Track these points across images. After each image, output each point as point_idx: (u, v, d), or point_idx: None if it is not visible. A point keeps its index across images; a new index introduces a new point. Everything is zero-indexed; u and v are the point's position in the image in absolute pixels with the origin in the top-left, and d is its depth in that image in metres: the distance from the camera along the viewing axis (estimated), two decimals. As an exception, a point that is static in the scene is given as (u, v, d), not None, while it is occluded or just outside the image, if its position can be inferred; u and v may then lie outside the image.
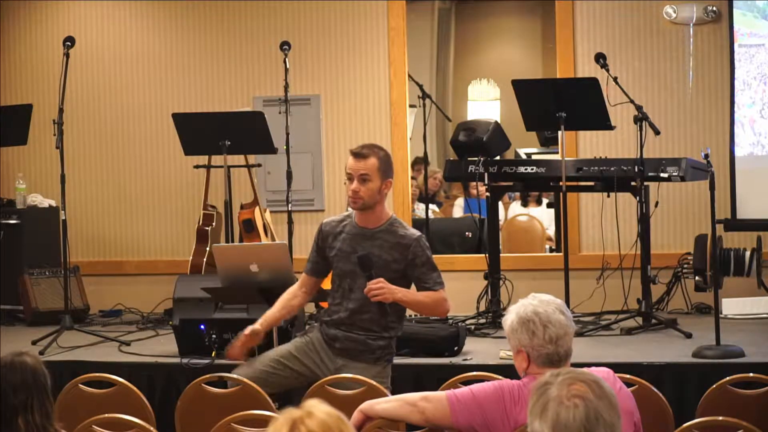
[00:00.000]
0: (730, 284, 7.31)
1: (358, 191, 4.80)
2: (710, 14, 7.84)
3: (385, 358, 4.99)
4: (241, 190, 8.05)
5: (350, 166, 4.85)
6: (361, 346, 4.91)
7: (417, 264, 4.87)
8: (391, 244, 4.85)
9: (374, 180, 4.80)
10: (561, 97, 6.80)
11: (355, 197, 4.82)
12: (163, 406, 5.58)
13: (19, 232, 8.07)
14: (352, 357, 4.91)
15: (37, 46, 8.82)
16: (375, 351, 4.93)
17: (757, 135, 7.52)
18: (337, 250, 4.90)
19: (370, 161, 4.82)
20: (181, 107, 8.37)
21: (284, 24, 8.43)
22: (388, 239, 4.86)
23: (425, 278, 4.89)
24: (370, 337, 4.91)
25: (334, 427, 2.30)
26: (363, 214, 4.89)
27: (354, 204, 4.84)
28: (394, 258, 4.84)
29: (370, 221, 4.89)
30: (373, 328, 4.90)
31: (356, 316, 4.90)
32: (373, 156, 4.83)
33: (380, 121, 8.34)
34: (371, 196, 4.82)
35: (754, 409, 4.41)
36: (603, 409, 2.55)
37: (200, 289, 6.35)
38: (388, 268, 4.82)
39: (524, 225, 9.71)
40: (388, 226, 4.88)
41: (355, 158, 4.84)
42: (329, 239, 4.94)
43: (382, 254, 4.82)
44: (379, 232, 4.86)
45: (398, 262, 4.85)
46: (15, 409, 3.39)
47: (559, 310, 3.56)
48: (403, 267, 4.87)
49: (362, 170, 4.81)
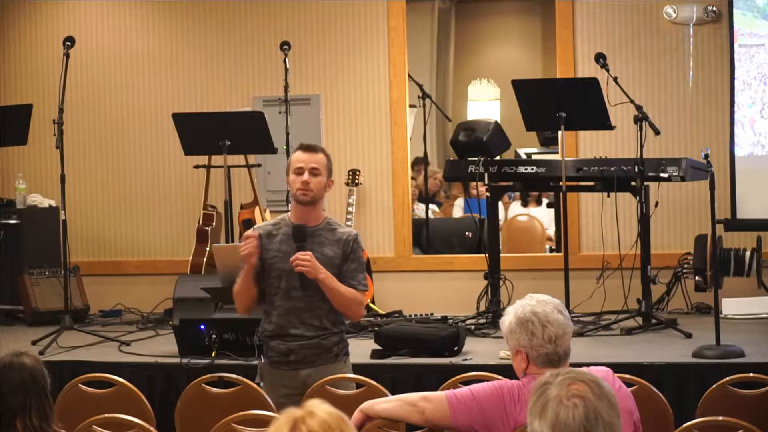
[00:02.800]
0: (730, 284, 7.31)
1: (309, 183, 4.72)
2: (710, 14, 7.84)
3: (343, 352, 4.91)
4: (241, 190, 8.05)
5: (300, 159, 4.77)
6: (317, 349, 4.79)
7: (350, 259, 4.82)
8: (331, 241, 4.80)
9: (323, 175, 4.77)
10: (561, 97, 6.80)
11: (306, 189, 4.73)
12: (163, 406, 5.58)
13: (19, 232, 8.07)
14: (310, 364, 4.78)
15: (37, 46, 8.83)
16: (332, 349, 4.83)
17: (757, 135, 7.52)
18: (276, 251, 4.78)
19: (320, 156, 4.79)
20: (181, 107, 8.37)
21: (284, 24, 8.43)
22: (327, 236, 4.81)
23: (353, 275, 4.82)
24: (322, 336, 4.80)
25: (335, 427, 2.30)
26: (304, 211, 4.79)
27: (304, 196, 4.74)
28: (335, 253, 4.79)
29: (310, 219, 4.81)
30: (324, 325, 4.79)
31: (305, 314, 4.77)
32: (321, 152, 4.81)
33: (380, 121, 8.34)
34: (320, 190, 4.77)
35: (754, 409, 4.42)
36: (602, 409, 2.55)
37: (200, 289, 6.37)
38: (331, 263, 4.75)
39: (524, 225, 9.70)
40: (326, 224, 4.85)
41: (306, 151, 4.79)
42: (264, 241, 4.80)
43: (323, 250, 4.76)
44: (318, 230, 4.80)
45: (338, 258, 4.80)
46: (13, 411, 3.38)
47: (557, 310, 3.57)
48: (340, 263, 4.81)
49: (313, 163, 4.75)
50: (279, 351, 4.81)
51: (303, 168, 4.75)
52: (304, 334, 4.78)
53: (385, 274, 8.14)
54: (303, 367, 4.77)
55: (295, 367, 4.78)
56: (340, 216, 7.98)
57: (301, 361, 4.78)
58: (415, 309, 7.65)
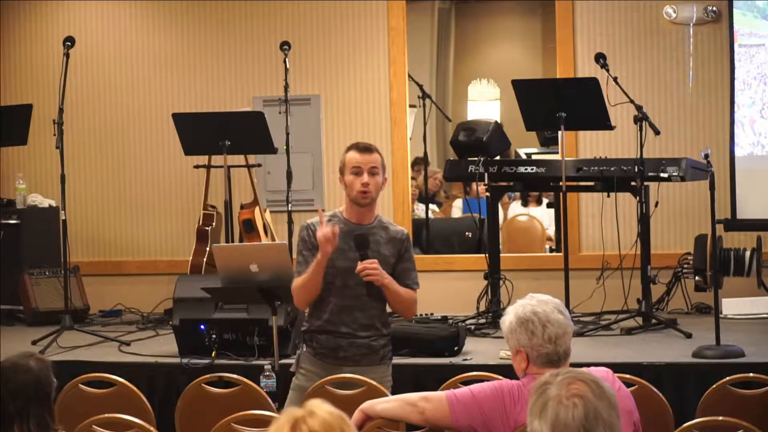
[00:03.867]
0: (730, 284, 7.31)
1: (369, 184, 4.71)
2: (710, 14, 7.84)
3: (388, 356, 4.94)
4: (241, 190, 8.05)
5: (358, 160, 4.73)
6: (365, 349, 4.81)
7: (405, 258, 4.84)
8: (386, 240, 4.80)
9: (380, 174, 4.76)
10: (561, 97, 6.80)
11: (366, 190, 4.71)
12: (163, 406, 5.58)
13: (19, 232, 8.07)
14: (356, 362, 4.79)
15: (37, 46, 8.82)
16: (379, 351, 4.86)
17: (757, 135, 7.52)
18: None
19: (375, 156, 4.77)
20: (181, 107, 8.37)
21: (284, 24, 8.43)
22: (382, 235, 4.81)
23: (408, 274, 4.85)
24: (372, 338, 4.82)
25: (335, 427, 2.30)
26: (360, 210, 4.78)
27: (364, 198, 4.72)
28: (391, 252, 4.80)
29: (366, 218, 4.81)
30: (375, 325, 4.82)
31: (358, 314, 4.79)
32: (376, 151, 4.80)
33: (380, 121, 8.34)
34: (378, 190, 4.78)
35: (754, 409, 4.42)
36: (602, 409, 2.55)
37: (200, 289, 6.35)
38: (387, 262, 4.76)
39: (524, 225, 9.70)
40: (379, 222, 4.84)
41: (362, 152, 4.75)
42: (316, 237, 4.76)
43: (380, 249, 4.76)
44: (373, 228, 4.80)
45: (393, 257, 4.81)
46: (11, 416, 3.35)
47: (557, 310, 3.57)
48: (395, 262, 4.82)
49: (372, 163, 4.73)
50: (327, 345, 4.81)
51: (361, 168, 4.72)
52: (356, 333, 4.79)
53: (385, 274, 8.13)
54: (348, 364, 4.76)
55: (341, 363, 4.77)
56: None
57: (349, 359, 4.79)
58: (415, 309, 7.64)
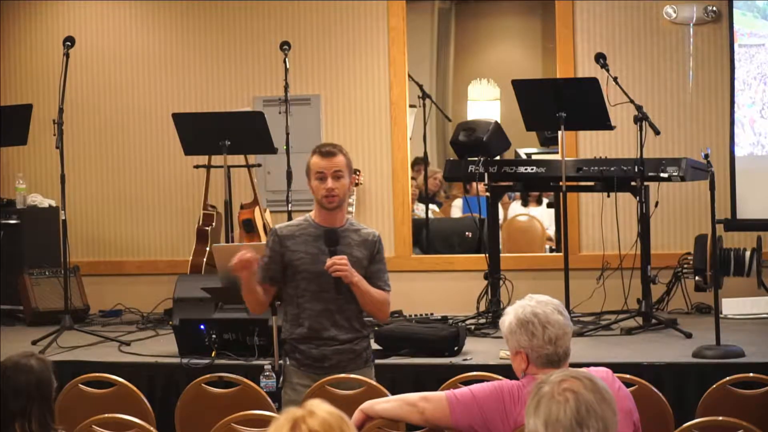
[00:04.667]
0: (730, 284, 7.31)
1: (333, 189, 4.67)
2: (710, 14, 7.84)
3: (371, 359, 4.92)
4: (241, 190, 8.05)
5: (321, 165, 4.68)
6: (350, 354, 4.78)
7: (377, 260, 4.80)
8: (358, 242, 4.76)
9: (345, 177, 4.71)
10: (561, 97, 6.80)
11: (332, 195, 4.67)
12: (163, 406, 5.58)
13: (19, 232, 8.07)
14: (342, 369, 4.74)
15: (37, 46, 8.83)
16: (362, 354, 4.84)
17: (757, 135, 7.52)
18: (303, 253, 4.72)
19: (339, 158, 4.71)
20: (181, 107, 8.37)
21: (284, 24, 8.43)
22: (354, 237, 4.77)
23: (380, 276, 4.80)
24: (354, 342, 4.79)
25: (335, 426, 2.30)
26: (330, 214, 4.74)
27: (330, 203, 4.68)
28: (363, 255, 4.75)
29: (336, 221, 4.76)
30: (355, 326, 4.78)
31: (337, 316, 4.74)
32: (340, 153, 4.73)
33: (380, 121, 8.34)
34: (344, 193, 4.73)
35: (754, 409, 4.42)
36: (594, 402, 2.54)
37: (200, 289, 6.36)
38: (360, 265, 4.72)
39: (524, 225, 9.71)
40: (349, 225, 4.80)
41: (325, 156, 4.70)
42: (287, 243, 4.76)
43: (352, 252, 4.72)
44: (344, 231, 4.76)
45: (366, 259, 4.77)
46: (13, 415, 3.35)
47: (557, 311, 3.56)
48: (368, 264, 4.77)
49: (335, 167, 4.68)
50: (310, 355, 4.76)
51: (325, 173, 4.68)
52: (338, 337, 4.74)
53: (385, 274, 8.14)
54: (334, 372, 4.72)
55: (327, 371, 4.73)
56: (340, 216, 7.98)
57: (335, 367, 4.74)
58: (415, 309, 7.65)
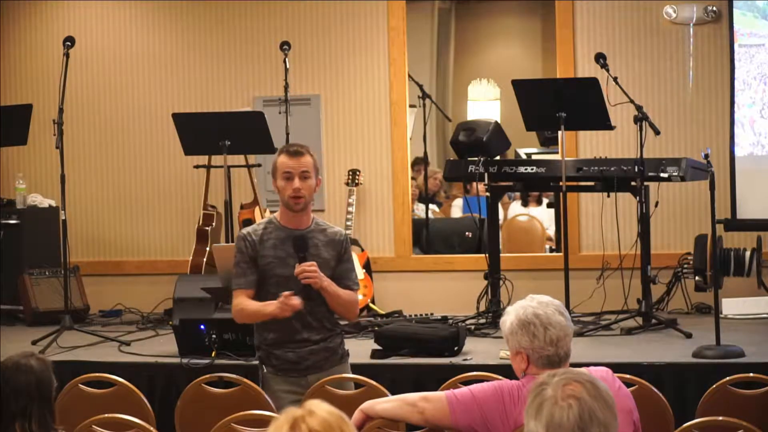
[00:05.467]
0: (730, 284, 7.31)
1: (300, 189, 4.62)
2: (710, 14, 7.84)
3: (346, 353, 4.91)
4: (241, 190, 8.05)
5: (288, 165, 4.63)
6: (325, 353, 4.77)
7: (344, 259, 4.77)
8: (324, 242, 4.73)
9: (312, 178, 4.67)
10: (561, 97, 6.80)
11: (299, 195, 4.63)
12: (163, 406, 5.58)
13: (19, 232, 8.07)
14: (319, 368, 4.74)
15: (37, 46, 8.83)
16: (336, 351, 4.82)
17: (757, 135, 7.52)
18: (272, 257, 4.69)
19: (307, 159, 4.66)
20: (181, 107, 8.37)
21: (284, 24, 8.43)
22: (320, 238, 4.74)
23: (348, 275, 4.77)
24: (327, 340, 4.77)
25: (335, 426, 2.31)
26: (296, 215, 4.70)
27: (296, 204, 4.64)
28: (331, 255, 4.73)
29: (302, 222, 4.72)
30: (326, 326, 4.76)
31: (308, 318, 4.70)
32: (308, 153, 4.68)
33: (380, 121, 8.34)
34: (311, 194, 4.69)
35: (754, 409, 4.42)
36: (597, 409, 2.55)
37: (200, 289, 6.36)
38: (327, 266, 4.69)
39: (524, 225, 9.71)
40: (315, 225, 4.76)
41: (292, 156, 4.65)
42: (258, 246, 4.71)
43: (320, 253, 4.69)
44: (311, 232, 4.72)
45: (333, 259, 4.74)
46: (13, 415, 3.35)
47: (558, 312, 3.56)
48: (335, 264, 4.75)
49: (303, 167, 4.63)
50: (287, 359, 4.74)
51: (292, 173, 4.63)
52: (311, 338, 4.73)
53: (385, 274, 8.14)
54: (312, 372, 4.73)
55: (304, 373, 4.73)
56: (340, 216, 7.99)
57: (312, 367, 4.74)
58: (415, 309, 7.65)
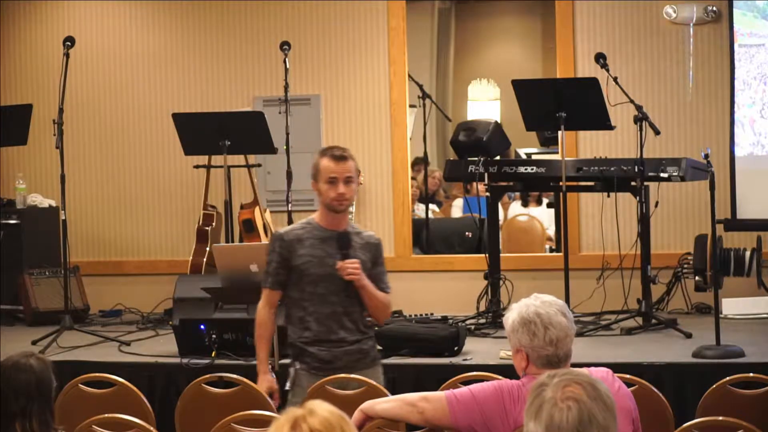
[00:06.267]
0: (730, 284, 7.31)
1: (345, 194, 4.74)
2: (710, 14, 7.84)
3: (378, 357, 4.98)
4: (241, 190, 8.05)
5: (333, 170, 4.75)
6: (358, 354, 4.83)
7: (379, 263, 4.88)
8: (361, 245, 4.83)
9: (354, 182, 4.81)
10: (561, 97, 6.80)
11: (343, 200, 4.75)
12: (163, 406, 5.58)
13: (19, 232, 8.07)
14: (351, 369, 4.79)
15: (37, 46, 8.83)
16: (369, 353, 4.89)
17: (757, 135, 7.52)
18: (309, 256, 4.78)
19: (350, 164, 4.79)
20: (181, 107, 8.37)
21: (284, 24, 8.43)
22: (357, 240, 4.83)
23: (382, 278, 4.87)
24: (361, 341, 4.84)
25: (336, 425, 2.31)
26: (335, 217, 4.81)
27: (341, 206, 4.76)
28: (367, 257, 4.82)
29: (340, 224, 4.83)
30: (360, 328, 4.83)
31: (344, 318, 4.79)
32: (351, 158, 4.81)
33: (380, 121, 8.34)
34: (353, 197, 4.83)
35: (754, 409, 4.42)
36: (597, 411, 2.55)
37: (200, 289, 6.36)
38: (363, 267, 4.77)
39: (524, 225, 9.71)
40: (351, 228, 4.88)
41: (338, 161, 4.76)
42: (294, 246, 4.80)
43: (357, 255, 4.78)
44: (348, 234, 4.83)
45: (369, 261, 4.83)
46: (13, 414, 3.36)
47: (560, 312, 3.55)
48: (370, 267, 4.84)
49: (347, 172, 4.76)
50: (321, 358, 4.80)
51: (337, 178, 4.74)
52: (346, 339, 4.80)
53: (385, 274, 8.14)
54: (344, 372, 4.76)
55: (336, 372, 4.77)
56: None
57: (344, 367, 4.79)
58: (415, 309, 7.65)
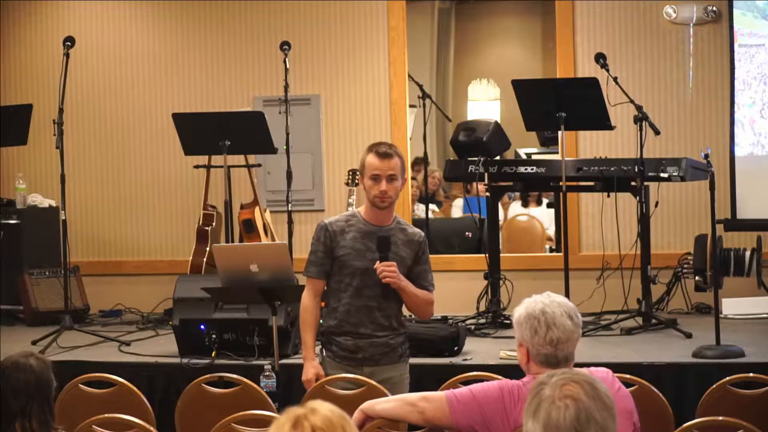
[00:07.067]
0: (730, 284, 7.30)
1: (387, 191, 4.75)
2: (710, 14, 7.84)
3: (407, 354, 4.99)
4: (241, 190, 8.04)
5: (376, 167, 4.76)
6: (385, 348, 4.85)
7: (422, 261, 4.89)
8: (404, 241, 4.85)
9: (399, 179, 4.80)
10: (561, 97, 6.80)
11: (385, 197, 4.76)
12: (163, 406, 5.58)
13: (19, 232, 8.07)
14: (376, 362, 4.83)
15: (37, 46, 8.82)
16: (397, 349, 4.90)
17: (757, 135, 7.52)
18: (349, 248, 4.82)
19: (395, 161, 4.78)
20: (181, 107, 8.37)
21: (284, 24, 8.43)
22: (400, 236, 4.86)
23: (425, 276, 4.90)
24: (389, 336, 4.86)
25: (337, 424, 2.31)
26: (380, 213, 4.83)
27: (383, 203, 4.77)
28: (408, 254, 4.85)
29: (385, 219, 4.85)
30: (392, 325, 4.86)
31: (376, 314, 4.83)
32: (396, 156, 4.81)
33: (380, 121, 8.34)
34: (397, 195, 4.83)
35: (754, 409, 4.42)
36: (595, 410, 2.54)
37: (200, 289, 6.35)
38: (404, 264, 4.82)
39: (524, 225, 9.71)
40: (396, 224, 4.89)
41: (382, 158, 4.77)
42: (338, 238, 4.85)
43: (398, 251, 4.81)
44: (391, 230, 4.85)
45: (410, 259, 4.86)
46: (13, 414, 3.36)
47: (567, 315, 3.52)
48: (411, 264, 4.87)
49: (390, 170, 4.76)
50: (346, 347, 4.84)
51: (380, 175, 4.76)
52: (375, 333, 4.83)
53: (385, 274, 8.13)
54: (368, 364, 4.81)
55: (360, 363, 4.82)
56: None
57: (368, 359, 4.83)
58: (415, 309, 7.64)
